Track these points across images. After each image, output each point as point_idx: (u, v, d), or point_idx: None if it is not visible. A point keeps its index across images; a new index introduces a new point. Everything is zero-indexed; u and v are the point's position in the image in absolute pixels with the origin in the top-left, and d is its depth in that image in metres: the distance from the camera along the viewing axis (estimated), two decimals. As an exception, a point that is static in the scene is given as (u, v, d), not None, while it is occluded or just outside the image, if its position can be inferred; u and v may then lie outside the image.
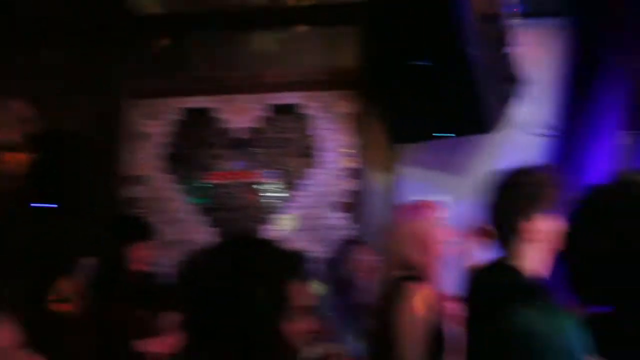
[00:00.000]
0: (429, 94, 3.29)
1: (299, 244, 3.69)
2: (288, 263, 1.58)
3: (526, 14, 3.71)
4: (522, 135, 3.83)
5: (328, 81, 4.14)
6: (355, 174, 4.09)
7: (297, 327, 1.53)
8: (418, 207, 2.69)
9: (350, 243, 3.53)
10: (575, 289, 1.26)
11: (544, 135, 3.85)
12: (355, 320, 3.04)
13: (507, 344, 1.14)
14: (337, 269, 3.22)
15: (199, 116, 4.26)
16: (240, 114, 4.23)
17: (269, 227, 4.11)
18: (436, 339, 2.41)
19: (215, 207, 4.18)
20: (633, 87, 3.77)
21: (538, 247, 1.92)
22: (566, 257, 1.29)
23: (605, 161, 3.75)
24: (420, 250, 2.56)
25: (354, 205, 4.05)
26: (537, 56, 3.82)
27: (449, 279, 2.59)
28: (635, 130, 3.87)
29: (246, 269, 1.49)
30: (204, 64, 4.29)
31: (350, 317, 3.08)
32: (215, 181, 4.21)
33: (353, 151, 4.10)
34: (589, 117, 3.77)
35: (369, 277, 3.08)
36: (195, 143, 4.24)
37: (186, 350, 1.49)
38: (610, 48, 3.73)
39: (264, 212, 4.15)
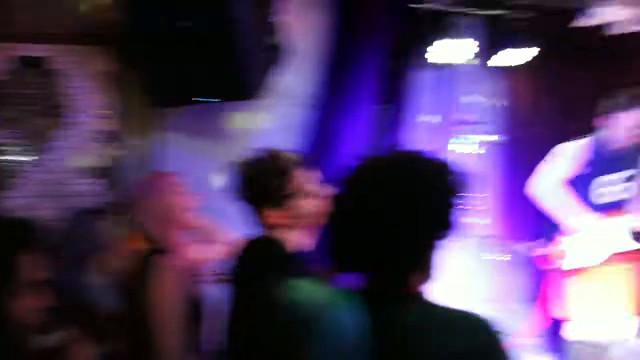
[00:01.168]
0: (191, 55, 3.15)
1: (40, 212, 3.36)
2: (16, 233, 1.38)
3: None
4: (284, 103, 3.89)
5: (82, 34, 3.77)
6: (111, 137, 3.82)
7: (27, 303, 1.36)
8: (165, 177, 2.55)
9: (93, 213, 3.26)
10: (336, 259, 1.29)
11: (305, 105, 3.96)
12: (94, 298, 2.82)
13: (266, 314, 1.11)
14: (76, 241, 2.96)
15: None
16: (-22, 65, 3.69)
17: (8, 192, 3.67)
18: (193, 312, 2.33)
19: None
20: (387, 61, 4.05)
21: (297, 223, 2.00)
22: (328, 229, 1.31)
23: (362, 133, 3.98)
24: (163, 222, 2.43)
25: (107, 171, 3.79)
26: (301, 25, 3.88)
27: (202, 250, 2.52)
28: (389, 103, 4.16)
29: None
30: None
31: (88, 295, 2.85)
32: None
33: (109, 113, 3.81)
34: (348, 89, 3.96)
35: (115, 251, 2.88)
36: None
37: None
38: (367, 21, 3.94)
39: (4, 176, 3.69)
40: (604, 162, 3.56)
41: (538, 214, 3.87)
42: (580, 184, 3.58)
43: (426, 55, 4.18)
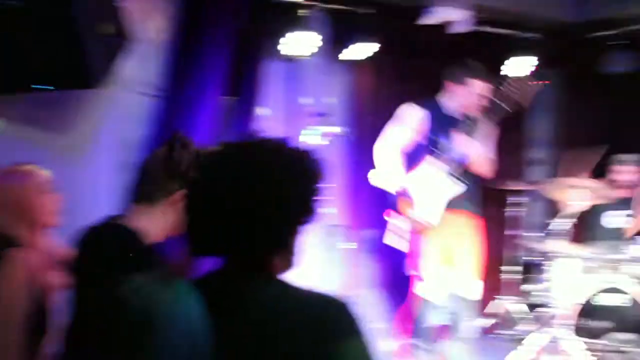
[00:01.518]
0: (27, 39, 2.93)
1: None
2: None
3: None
4: (128, 93, 3.74)
5: None
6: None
7: None
8: (14, 169, 2.37)
9: None
10: (194, 243, 1.28)
11: (149, 94, 3.83)
12: None
13: (115, 313, 1.05)
14: None
15: None
16: None
17: None
18: (38, 315, 2.18)
19: None
20: (235, 52, 4.03)
21: (165, 214, 1.93)
22: (187, 213, 1.29)
23: (208, 124, 3.93)
24: (17, 217, 2.27)
25: None
26: (145, 12, 3.75)
27: (57, 245, 2.37)
28: (237, 95, 4.14)
29: None
30: None
31: None
32: None
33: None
34: (194, 79, 3.89)
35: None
36: None
37: None
38: (214, 11, 3.90)
39: None
40: (443, 127, 3.83)
41: (382, 197, 4.06)
42: (420, 148, 3.85)
43: (275, 48, 4.22)
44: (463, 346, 3.92)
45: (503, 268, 5.35)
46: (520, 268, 5.64)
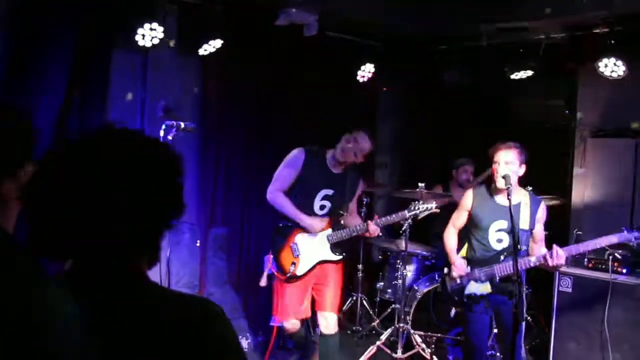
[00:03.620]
0: None
1: None
2: None
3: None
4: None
5: None
6: None
7: None
8: None
9: None
10: (39, 244, 1.13)
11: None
12: None
13: None
14: None
15: None
16: None
17: None
18: None
19: None
20: (83, 42, 3.82)
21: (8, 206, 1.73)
22: (28, 211, 1.14)
23: (53, 114, 3.69)
24: None
25: None
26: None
27: None
28: (85, 85, 3.91)
29: None
30: None
31: None
32: None
33: None
34: (37, 68, 3.64)
35: None
36: None
37: None
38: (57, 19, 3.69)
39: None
40: (321, 175, 3.92)
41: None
42: (303, 190, 3.92)
43: (126, 40, 4.03)
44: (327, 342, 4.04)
45: (358, 267, 5.51)
46: (371, 266, 5.87)
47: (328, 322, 3.98)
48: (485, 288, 3.67)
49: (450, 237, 3.95)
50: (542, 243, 3.71)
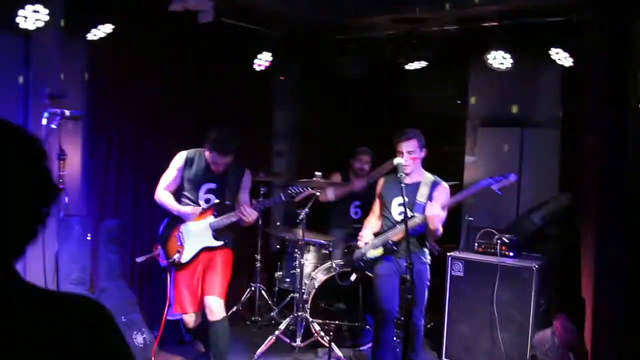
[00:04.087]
0: None
1: None
2: None
3: None
4: None
5: None
6: None
7: None
8: None
9: None
10: None
11: None
12: None
13: None
14: None
15: None
16: None
17: None
18: None
19: None
20: None
21: None
22: None
23: None
24: None
25: None
26: None
27: None
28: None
29: None
30: None
31: None
32: None
33: None
34: None
35: None
36: None
37: None
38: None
39: None
40: (203, 171, 4.12)
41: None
42: (189, 186, 4.14)
43: (6, 21, 3.74)
44: (218, 331, 4.06)
45: (256, 257, 5.47)
46: (269, 256, 5.85)
47: (212, 308, 4.03)
48: (378, 252, 4.09)
49: (369, 221, 4.34)
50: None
